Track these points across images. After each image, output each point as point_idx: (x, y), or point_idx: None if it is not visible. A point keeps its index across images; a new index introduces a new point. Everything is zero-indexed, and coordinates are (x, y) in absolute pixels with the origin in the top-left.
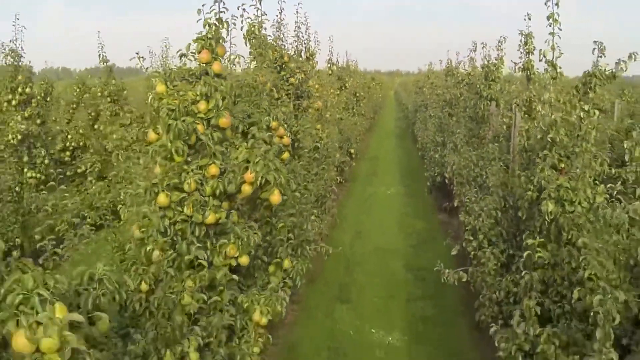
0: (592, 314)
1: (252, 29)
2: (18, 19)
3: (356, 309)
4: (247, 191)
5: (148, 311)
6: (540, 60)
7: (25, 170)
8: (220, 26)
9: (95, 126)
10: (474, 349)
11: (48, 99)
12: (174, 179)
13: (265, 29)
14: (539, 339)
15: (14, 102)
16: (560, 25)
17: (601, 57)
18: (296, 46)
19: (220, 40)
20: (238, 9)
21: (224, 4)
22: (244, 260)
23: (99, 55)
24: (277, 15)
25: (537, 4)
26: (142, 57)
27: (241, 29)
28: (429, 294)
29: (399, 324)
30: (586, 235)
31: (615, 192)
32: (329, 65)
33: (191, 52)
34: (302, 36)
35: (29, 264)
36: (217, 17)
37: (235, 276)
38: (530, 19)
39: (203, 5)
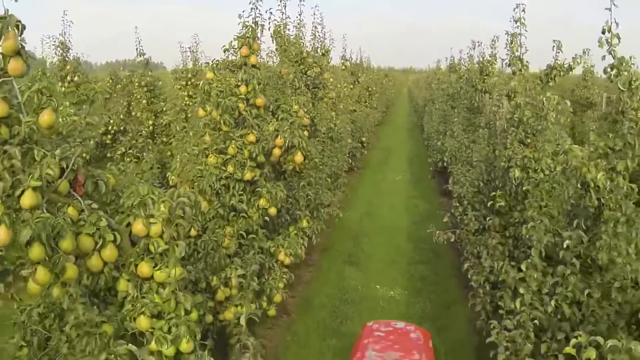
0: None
1: (278, 29)
2: (66, 14)
3: (363, 270)
4: (276, 154)
5: (196, 251)
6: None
7: None
8: (256, 28)
9: (133, 113)
10: (461, 302)
11: None
12: (220, 144)
13: (288, 29)
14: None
15: (63, 89)
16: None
17: (559, 52)
18: (313, 44)
19: (255, 39)
20: (266, 12)
21: (258, 11)
22: (273, 211)
23: (137, 49)
24: (297, 17)
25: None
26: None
27: (269, 29)
28: (426, 259)
29: (400, 282)
30: (537, 189)
31: (571, 163)
32: (342, 61)
33: (232, 48)
34: (319, 35)
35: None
36: (254, 20)
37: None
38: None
39: (243, 11)
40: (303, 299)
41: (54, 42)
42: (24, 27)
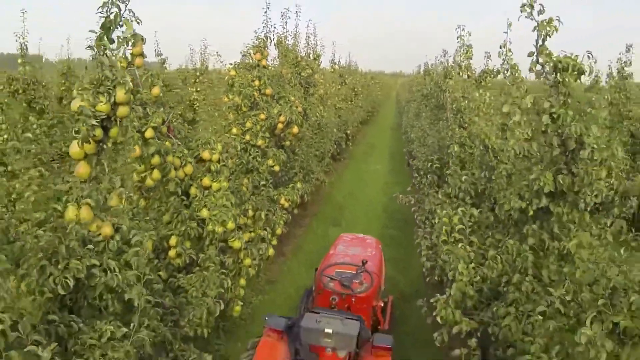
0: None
1: (280, 40)
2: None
3: (345, 230)
4: (280, 127)
5: None
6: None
7: None
8: (266, 40)
9: None
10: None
11: None
12: (240, 121)
13: (287, 39)
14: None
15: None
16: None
17: (489, 60)
18: (306, 50)
19: (265, 48)
20: (271, 26)
21: (268, 28)
22: (277, 168)
23: (155, 49)
24: (294, 29)
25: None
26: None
27: (273, 40)
28: (397, 225)
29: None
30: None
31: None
32: (331, 64)
33: (248, 53)
34: (311, 43)
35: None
36: (265, 35)
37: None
38: (470, 34)
39: (258, 28)
40: (296, 246)
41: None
42: (145, 39)
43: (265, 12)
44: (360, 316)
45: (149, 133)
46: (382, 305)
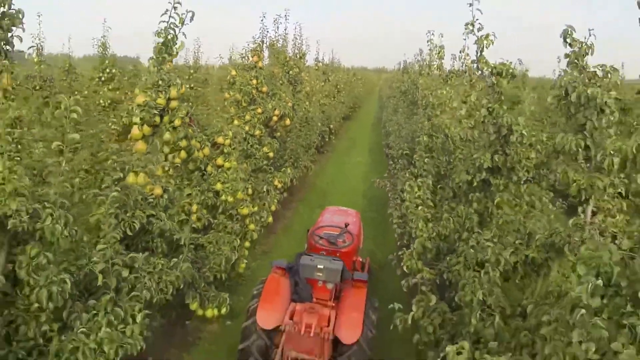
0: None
1: (272, 43)
2: (106, 21)
3: None
4: (274, 120)
5: None
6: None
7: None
8: (262, 45)
9: None
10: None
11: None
12: (240, 114)
13: (279, 42)
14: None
15: (103, 78)
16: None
17: (455, 62)
18: (294, 50)
19: (261, 51)
20: (265, 32)
21: (264, 34)
22: (271, 154)
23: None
24: (283, 31)
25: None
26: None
27: (266, 43)
28: (375, 209)
29: None
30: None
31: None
32: (316, 62)
33: (248, 56)
34: (298, 43)
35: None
36: (261, 39)
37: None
38: (442, 35)
39: (254, 35)
40: (285, 225)
41: (96, 43)
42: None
43: (262, 20)
44: (342, 260)
45: (177, 122)
46: (361, 260)
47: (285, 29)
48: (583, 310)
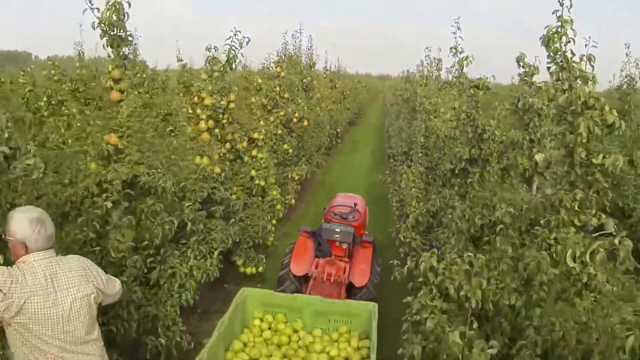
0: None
1: (291, 55)
2: (136, 30)
3: None
4: (294, 121)
5: None
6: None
7: None
8: (284, 57)
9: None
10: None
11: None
12: (265, 116)
13: (297, 56)
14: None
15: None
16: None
17: (449, 75)
18: (306, 60)
19: (283, 63)
20: (285, 46)
21: (285, 49)
22: (290, 150)
23: (176, 56)
24: (298, 44)
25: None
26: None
27: (285, 55)
28: (376, 202)
29: None
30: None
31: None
32: (324, 70)
33: (272, 66)
34: (309, 54)
35: None
36: (284, 53)
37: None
38: (440, 50)
39: (278, 50)
40: (300, 213)
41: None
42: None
43: (284, 35)
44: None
45: (225, 120)
46: (367, 234)
47: (299, 41)
48: (501, 226)
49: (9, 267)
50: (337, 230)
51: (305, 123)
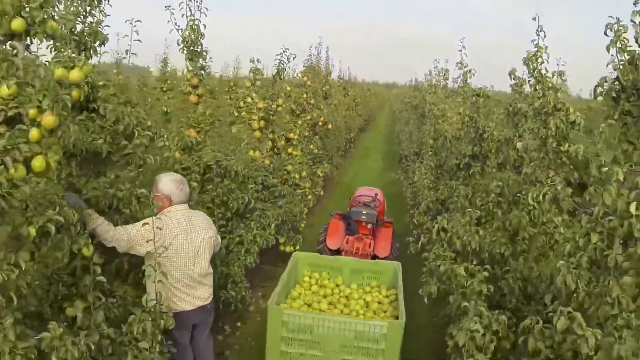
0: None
1: (313, 66)
2: (166, 40)
3: None
4: (319, 124)
5: None
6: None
7: None
8: (310, 70)
9: None
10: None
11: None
12: (294, 120)
13: (318, 66)
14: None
15: (164, 88)
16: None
17: (455, 83)
18: (324, 69)
19: (309, 73)
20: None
21: (310, 61)
22: (315, 150)
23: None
24: (317, 54)
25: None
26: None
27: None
28: (390, 197)
29: None
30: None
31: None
32: (338, 79)
33: (299, 75)
34: (327, 63)
35: None
36: (309, 64)
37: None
38: (447, 61)
39: (304, 59)
40: (321, 209)
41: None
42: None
43: (310, 49)
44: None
45: (262, 123)
46: (386, 219)
47: (318, 53)
48: (492, 195)
49: (153, 218)
50: (364, 212)
51: (330, 126)
